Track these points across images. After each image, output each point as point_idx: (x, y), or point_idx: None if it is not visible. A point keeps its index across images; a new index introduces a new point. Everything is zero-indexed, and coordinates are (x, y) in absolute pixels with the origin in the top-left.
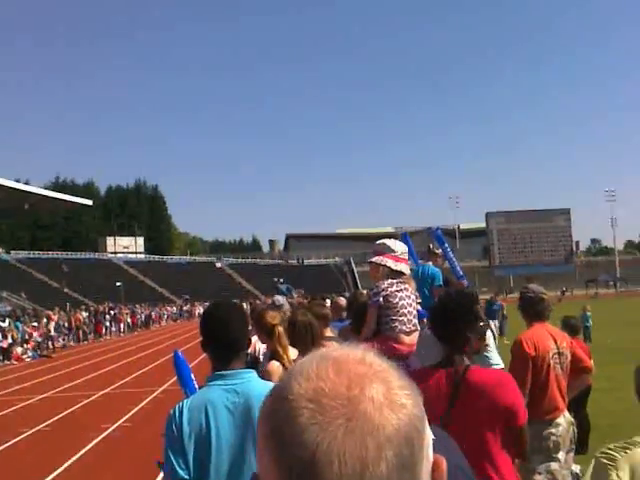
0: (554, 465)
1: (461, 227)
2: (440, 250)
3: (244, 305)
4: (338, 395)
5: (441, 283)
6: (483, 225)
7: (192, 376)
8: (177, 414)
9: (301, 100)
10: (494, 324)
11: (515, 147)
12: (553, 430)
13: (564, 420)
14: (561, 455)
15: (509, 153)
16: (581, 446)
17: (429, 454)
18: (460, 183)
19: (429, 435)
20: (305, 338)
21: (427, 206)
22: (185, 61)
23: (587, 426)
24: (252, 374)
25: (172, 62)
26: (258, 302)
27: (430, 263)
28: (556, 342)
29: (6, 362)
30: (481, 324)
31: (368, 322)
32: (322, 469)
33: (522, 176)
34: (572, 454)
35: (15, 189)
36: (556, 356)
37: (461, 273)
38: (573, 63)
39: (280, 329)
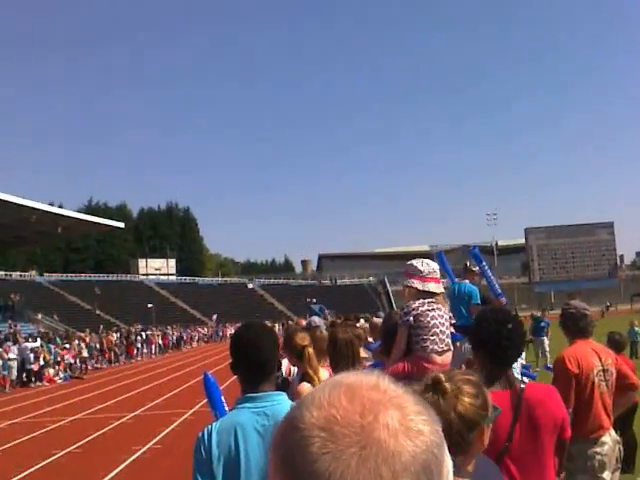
0: None
1: (499, 244)
2: (477, 268)
3: (277, 326)
4: (351, 423)
5: (478, 301)
6: (522, 241)
7: (222, 398)
8: (206, 437)
9: (326, 118)
10: (541, 341)
11: (554, 160)
12: (598, 449)
13: (610, 439)
14: (607, 475)
15: (547, 167)
16: (627, 465)
17: None
18: (497, 200)
19: (449, 462)
20: (347, 356)
21: (463, 223)
22: (214, 82)
23: (634, 444)
24: (282, 397)
25: (202, 85)
26: (291, 323)
27: (467, 281)
28: (600, 359)
29: (38, 383)
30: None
31: (398, 342)
32: None
33: (562, 191)
34: (618, 473)
35: (49, 212)
36: (601, 373)
37: (499, 291)
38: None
39: (310, 350)
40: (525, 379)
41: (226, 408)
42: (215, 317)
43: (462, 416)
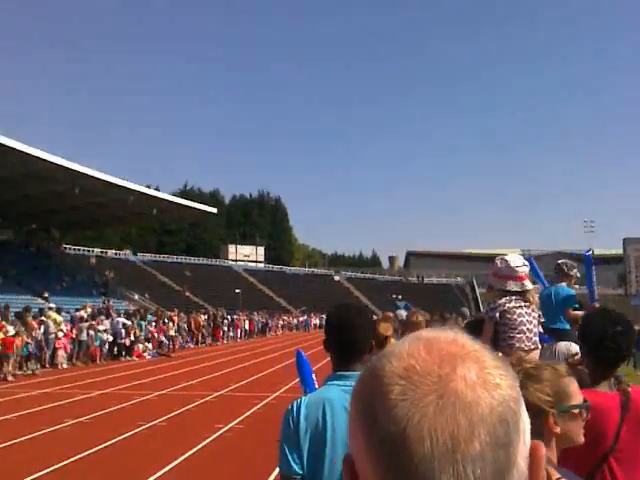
0: None
1: (595, 253)
2: (574, 271)
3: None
4: (429, 372)
5: (576, 305)
6: (620, 252)
7: (313, 376)
8: (295, 409)
9: (419, 117)
10: None
11: None
12: None
13: None
14: None
15: None
16: None
17: (526, 438)
18: (596, 208)
19: (526, 419)
20: None
21: (559, 230)
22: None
23: None
24: None
25: (295, 83)
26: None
27: (564, 284)
28: None
29: (127, 358)
30: None
31: (483, 337)
32: (413, 445)
33: None
34: None
35: (145, 194)
36: None
37: (596, 297)
38: None
39: (392, 341)
40: None
41: (316, 385)
42: (301, 310)
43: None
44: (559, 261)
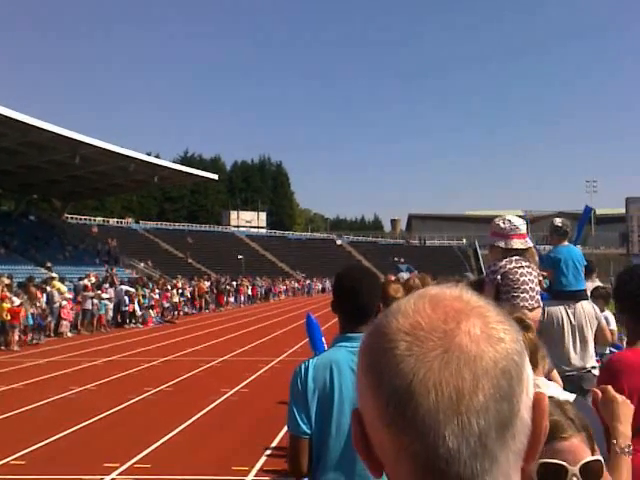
0: None
1: (597, 212)
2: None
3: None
4: (434, 328)
5: (586, 264)
6: (622, 211)
7: (323, 339)
8: (303, 371)
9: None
10: None
11: None
12: None
13: None
14: None
15: None
16: None
17: (529, 390)
18: (598, 168)
19: (529, 372)
20: None
21: (561, 190)
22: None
23: None
24: None
25: (299, 44)
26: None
27: (566, 242)
28: None
29: (131, 325)
30: None
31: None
32: (419, 398)
33: None
34: None
35: (146, 162)
36: None
37: None
38: None
39: None
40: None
41: (325, 348)
42: (303, 276)
43: None
44: (556, 221)
